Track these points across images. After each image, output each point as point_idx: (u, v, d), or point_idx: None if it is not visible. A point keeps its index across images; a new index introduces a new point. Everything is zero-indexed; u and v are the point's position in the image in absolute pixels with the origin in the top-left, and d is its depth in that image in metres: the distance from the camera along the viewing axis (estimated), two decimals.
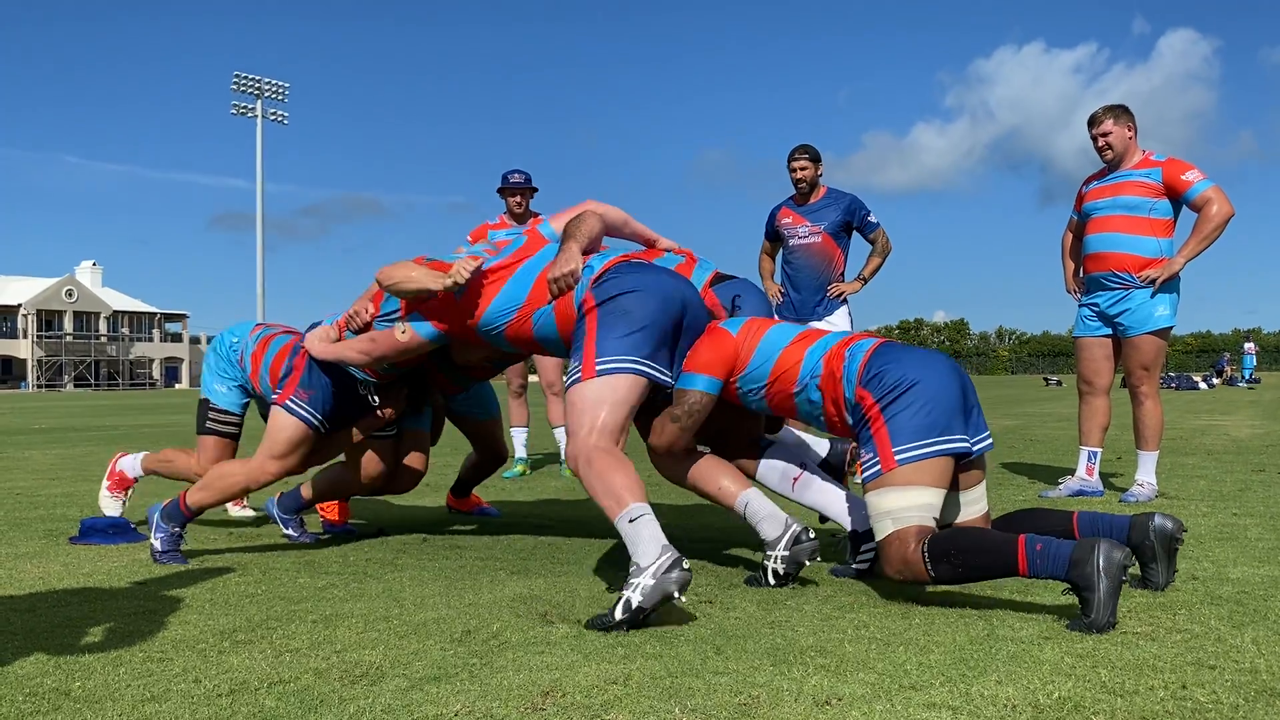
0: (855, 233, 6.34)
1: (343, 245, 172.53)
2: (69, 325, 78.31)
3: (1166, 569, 3.02)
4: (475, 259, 3.40)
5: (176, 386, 79.88)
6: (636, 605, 2.62)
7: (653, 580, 2.62)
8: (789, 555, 3.15)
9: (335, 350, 3.80)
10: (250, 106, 55.06)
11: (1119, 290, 5.18)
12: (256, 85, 54.99)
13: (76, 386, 75.19)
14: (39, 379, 75.05)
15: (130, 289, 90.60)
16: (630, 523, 2.76)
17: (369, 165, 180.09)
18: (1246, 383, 32.10)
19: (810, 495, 3.47)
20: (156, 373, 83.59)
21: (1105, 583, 2.53)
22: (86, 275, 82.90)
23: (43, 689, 2.22)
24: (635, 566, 2.68)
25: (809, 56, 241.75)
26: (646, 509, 2.79)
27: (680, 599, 2.65)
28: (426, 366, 4.07)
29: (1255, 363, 37.03)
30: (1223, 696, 2.09)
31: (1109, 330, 5.30)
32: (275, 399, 3.98)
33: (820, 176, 6.29)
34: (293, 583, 3.38)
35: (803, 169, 6.22)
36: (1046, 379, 40.45)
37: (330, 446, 4.15)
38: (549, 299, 3.33)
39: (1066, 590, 2.64)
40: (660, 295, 3.18)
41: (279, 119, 56.02)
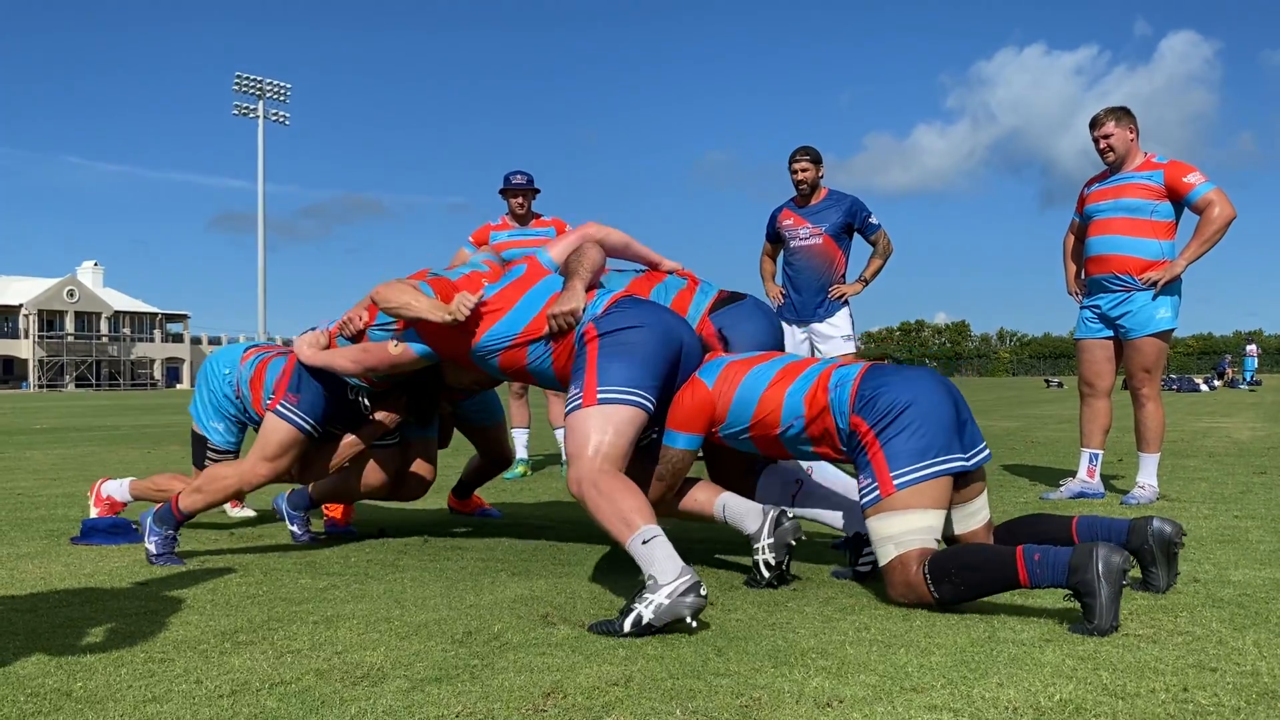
0: (856, 234, 6.34)
1: (344, 246, 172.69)
2: (70, 325, 78.32)
3: (1167, 572, 3.02)
4: (477, 286, 3.40)
5: (178, 387, 79.90)
6: (646, 622, 2.60)
7: (667, 600, 2.60)
8: (774, 540, 3.16)
9: (325, 357, 3.79)
10: (252, 107, 55.17)
11: (1120, 292, 5.18)
12: (258, 86, 55.08)
13: (78, 387, 75.21)
14: (40, 379, 75.09)
15: (131, 289, 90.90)
16: (644, 544, 2.73)
17: (370, 166, 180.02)
18: (1248, 385, 32.07)
19: (811, 505, 3.51)
20: (158, 373, 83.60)
21: (1106, 588, 2.53)
22: (88, 275, 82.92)
23: (44, 689, 2.23)
24: (652, 581, 2.65)
25: (811, 59, 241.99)
26: (658, 530, 2.77)
27: (692, 624, 2.62)
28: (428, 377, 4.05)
29: (1256, 365, 37.02)
30: (1224, 699, 2.09)
31: (1110, 332, 5.30)
32: (267, 406, 3.98)
33: (821, 178, 6.29)
34: (294, 584, 3.39)
35: (804, 170, 6.22)
36: (1048, 381, 40.41)
37: (331, 453, 4.13)
38: (545, 332, 3.32)
39: (1069, 596, 2.64)
40: (661, 334, 3.18)
41: (280, 120, 56.11)
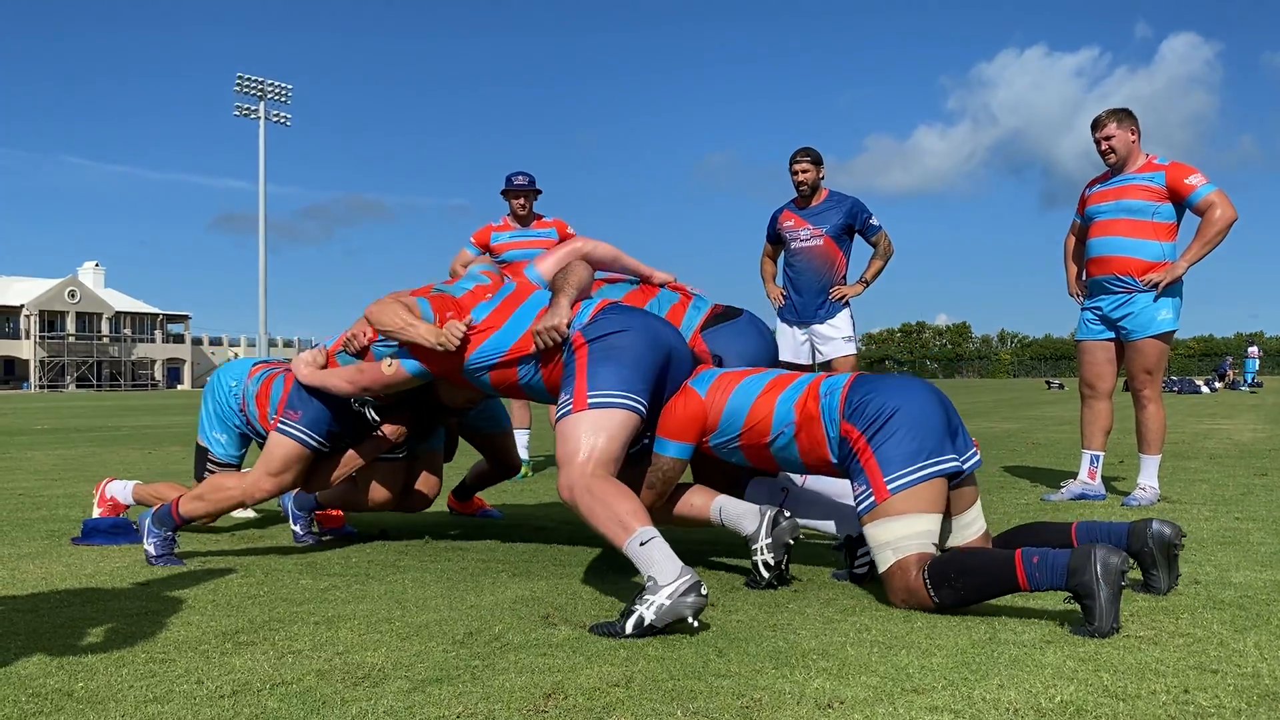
0: (857, 235, 6.34)
1: (345, 247, 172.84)
2: (71, 326, 78.36)
3: (1168, 574, 3.02)
4: (479, 301, 3.43)
5: (179, 387, 79.93)
6: (648, 624, 2.60)
7: (668, 601, 2.60)
8: (771, 541, 3.17)
9: (321, 377, 3.80)
10: (253, 108, 55.14)
11: (1122, 294, 5.18)
12: (259, 87, 55.04)
13: (79, 387, 75.23)
14: (41, 380, 75.12)
15: (132, 290, 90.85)
16: (641, 546, 2.73)
17: (371, 167, 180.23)
18: (1249, 387, 32.07)
19: (801, 512, 3.54)
20: (159, 374, 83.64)
21: (1105, 589, 2.53)
22: (89, 276, 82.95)
23: (46, 689, 2.23)
24: (652, 582, 2.65)
25: (811, 60, 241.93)
26: (655, 532, 2.76)
27: (694, 624, 2.62)
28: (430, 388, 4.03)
29: (1258, 367, 36.99)
30: (1225, 700, 2.09)
31: (1111, 334, 5.30)
32: (272, 422, 3.99)
33: (822, 179, 6.29)
34: (295, 584, 3.39)
35: (804, 171, 6.22)
36: (1049, 382, 40.41)
37: (336, 467, 4.09)
38: (534, 348, 3.32)
39: (1069, 598, 2.64)
40: (649, 338, 3.18)
41: (282, 120, 56.08)
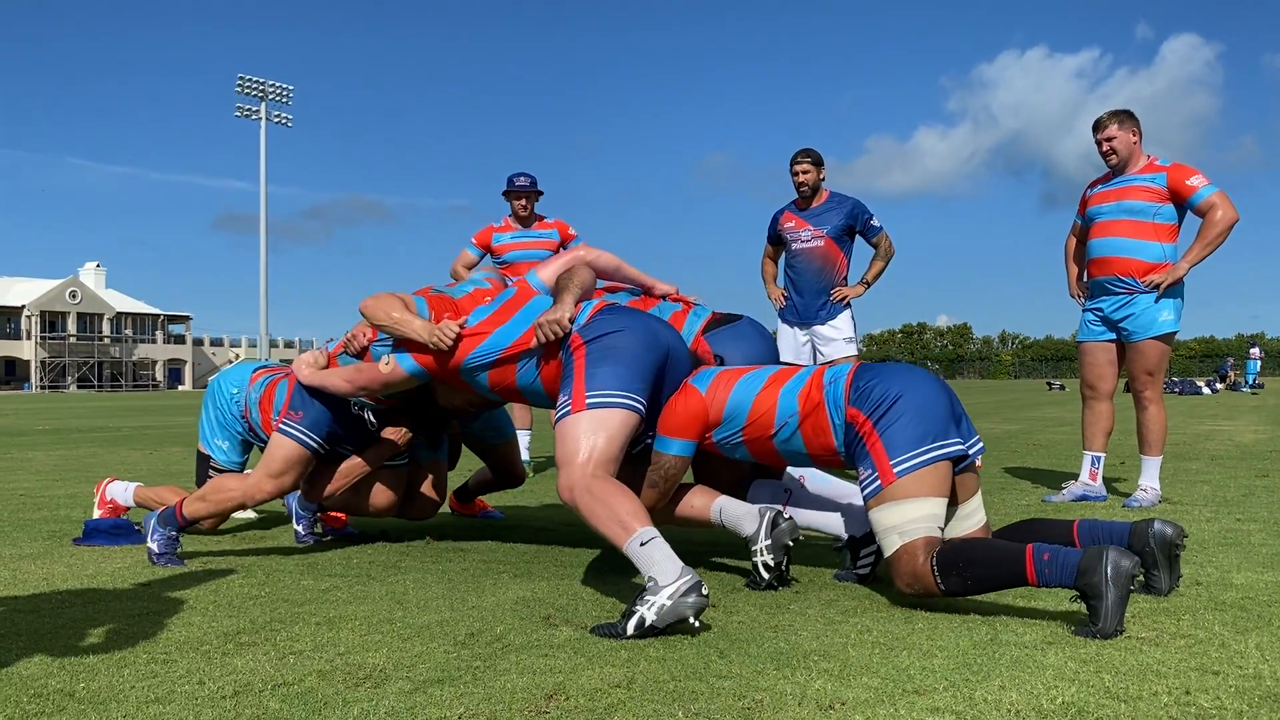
0: (858, 237, 6.35)
1: (346, 247, 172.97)
2: (72, 327, 78.41)
3: (1169, 575, 3.02)
4: (477, 305, 3.43)
5: (179, 388, 79.96)
6: (649, 624, 2.60)
7: (669, 601, 2.60)
8: (771, 543, 3.17)
9: (320, 377, 3.83)
10: (254, 109, 55.11)
11: (1123, 295, 5.18)
12: (261, 88, 55.04)
13: (79, 388, 75.27)
14: (42, 380, 75.15)
15: (134, 290, 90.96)
16: (641, 546, 2.73)
17: (372, 168, 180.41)
18: (1250, 388, 32.05)
19: (803, 514, 3.54)
20: (159, 374, 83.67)
21: (1113, 592, 2.53)
22: (90, 277, 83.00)
23: (47, 690, 2.23)
24: (653, 583, 2.65)
25: (812, 61, 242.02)
26: (655, 532, 2.76)
27: (695, 624, 2.62)
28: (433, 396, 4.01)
29: (1259, 368, 36.96)
30: (1226, 702, 2.08)
31: (1113, 335, 5.30)
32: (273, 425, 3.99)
33: (823, 180, 6.29)
34: (296, 585, 3.39)
35: (805, 173, 6.22)
36: (1050, 384, 40.43)
37: (339, 473, 4.10)
38: (534, 342, 3.31)
39: (1075, 597, 2.64)
40: (646, 337, 3.18)
41: (283, 121, 56.08)
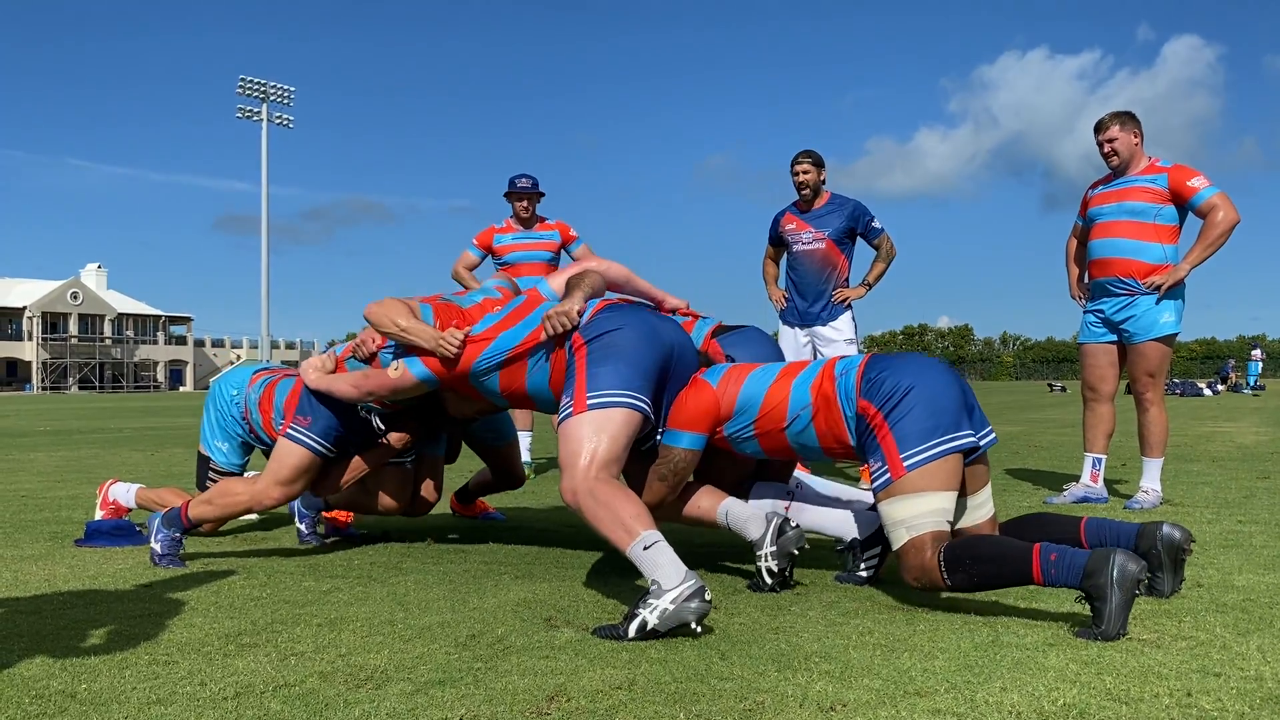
0: (859, 238, 6.34)
1: (347, 248, 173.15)
2: (74, 328, 78.44)
3: (1173, 578, 3.02)
4: (471, 322, 3.43)
5: (181, 389, 79.99)
6: (651, 628, 2.60)
7: (672, 606, 2.60)
8: (776, 549, 3.16)
9: (327, 382, 3.79)
10: (255, 110, 55.11)
11: (1124, 296, 5.18)
12: (262, 89, 55.05)
13: (81, 389, 75.29)
14: (43, 381, 75.18)
15: (135, 291, 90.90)
16: (645, 550, 2.72)
17: (373, 169, 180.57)
18: (1251, 389, 32.03)
19: (806, 517, 3.53)
20: (161, 375, 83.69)
21: (1118, 595, 2.52)
22: (91, 278, 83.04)
23: (49, 691, 2.23)
24: (656, 586, 2.65)
25: (812, 63, 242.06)
26: (659, 535, 2.76)
27: (697, 629, 2.62)
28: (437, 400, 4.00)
29: (1260, 370, 36.94)
30: (1228, 704, 2.08)
31: (1114, 336, 5.30)
32: (279, 428, 3.99)
33: (824, 182, 6.29)
34: (297, 586, 3.39)
35: (806, 174, 6.21)
36: (1051, 385, 40.41)
37: (343, 473, 4.09)
38: (542, 338, 3.29)
39: (1079, 598, 2.64)
40: (649, 334, 3.17)
41: (284, 122, 56.09)
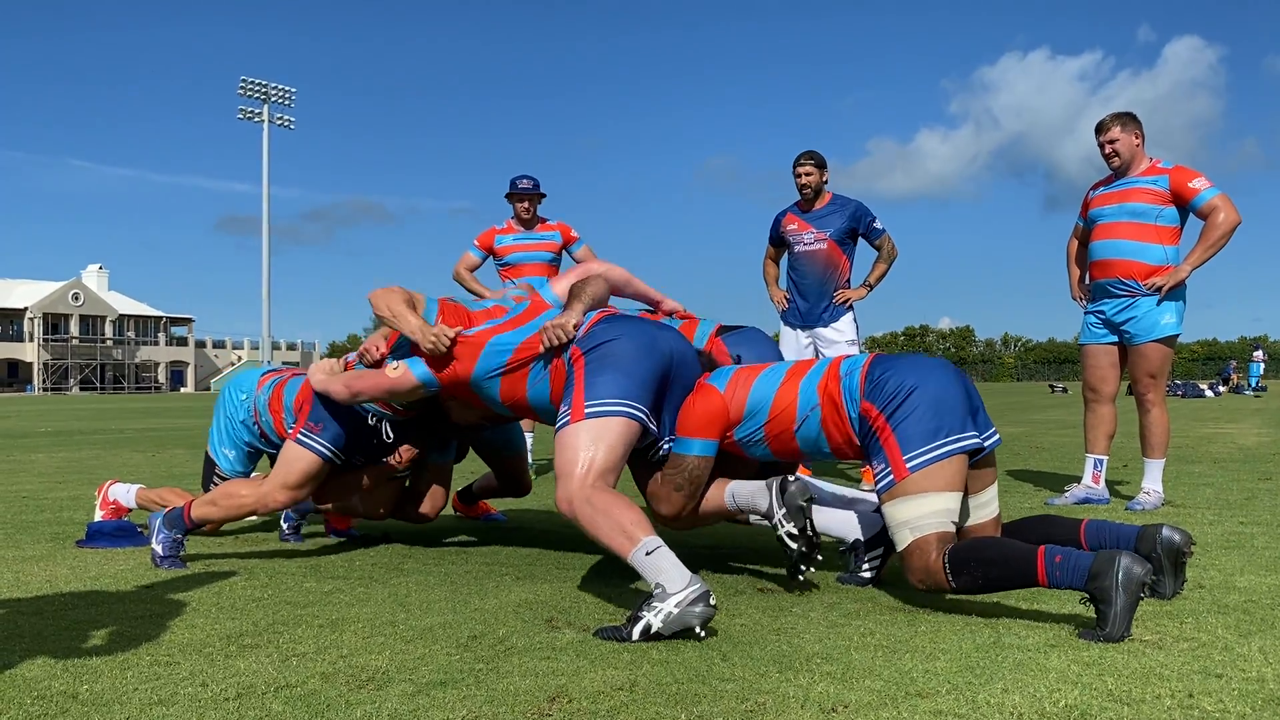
0: (860, 239, 6.34)
1: (348, 249, 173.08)
2: (75, 329, 78.52)
3: (1174, 580, 3.02)
4: (473, 324, 3.43)
5: (182, 390, 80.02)
6: (655, 631, 2.59)
7: (676, 609, 2.59)
8: (786, 510, 3.12)
9: (326, 383, 3.77)
10: (257, 111, 55.14)
11: (1125, 298, 5.18)
12: (263, 90, 55.08)
13: (82, 390, 75.35)
14: (45, 382, 75.23)
15: (136, 292, 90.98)
16: (647, 555, 2.71)
17: (374, 170, 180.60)
18: (1253, 391, 32.02)
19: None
20: (162, 376, 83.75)
21: (1123, 597, 2.52)
22: (92, 279, 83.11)
23: (50, 692, 2.23)
24: (660, 589, 2.64)
25: (814, 64, 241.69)
26: (660, 541, 2.75)
27: (701, 634, 2.61)
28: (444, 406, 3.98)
29: (1262, 371, 36.93)
30: (1229, 705, 2.08)
31: (1115, 338, 5.30)
32: (290, 429, 3.97)
33: (826, 183, 6.28)
34: (298, 587, 3.39)
35: (808, 175, 6.21)
36: (1052, 386, 40.40)
37: (347, 480, 4.10)
38: (540, 348, 3.29)
39: (1084, 600, 2.63)
40: (647, 344, 3.17)
41: (285, 124, 56.12)
